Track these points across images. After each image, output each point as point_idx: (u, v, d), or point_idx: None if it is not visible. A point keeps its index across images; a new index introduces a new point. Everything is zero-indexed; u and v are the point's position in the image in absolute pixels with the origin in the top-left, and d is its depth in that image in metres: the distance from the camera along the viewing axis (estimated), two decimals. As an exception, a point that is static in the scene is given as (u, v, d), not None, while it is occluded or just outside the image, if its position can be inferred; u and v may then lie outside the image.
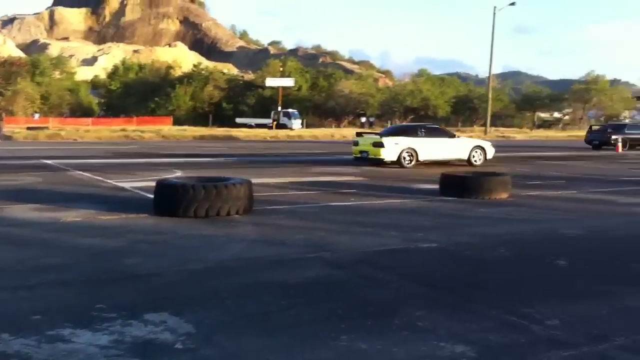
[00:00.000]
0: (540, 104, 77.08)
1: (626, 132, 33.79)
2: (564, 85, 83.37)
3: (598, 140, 33.96)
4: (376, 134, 21.98)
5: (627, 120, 57.07)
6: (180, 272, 6.28)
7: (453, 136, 21.02)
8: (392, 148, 19.38)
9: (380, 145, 19.47)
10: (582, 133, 42.50)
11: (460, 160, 20.35)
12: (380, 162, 19.59)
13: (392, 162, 19.50)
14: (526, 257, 7.26)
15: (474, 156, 20.45)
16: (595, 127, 37.64)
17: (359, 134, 22.42)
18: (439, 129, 22.20)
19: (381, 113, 72.95)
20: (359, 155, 20.47)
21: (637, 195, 13.42)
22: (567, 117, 79.58)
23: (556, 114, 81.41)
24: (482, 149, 20.72)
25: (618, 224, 9.95)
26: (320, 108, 74.12)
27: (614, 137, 32.78)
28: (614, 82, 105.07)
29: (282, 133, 49.00)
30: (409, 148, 19.53)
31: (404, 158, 19.48)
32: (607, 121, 62.67)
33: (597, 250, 7.85)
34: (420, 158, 19.69)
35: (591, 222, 9.94)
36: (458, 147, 20.48)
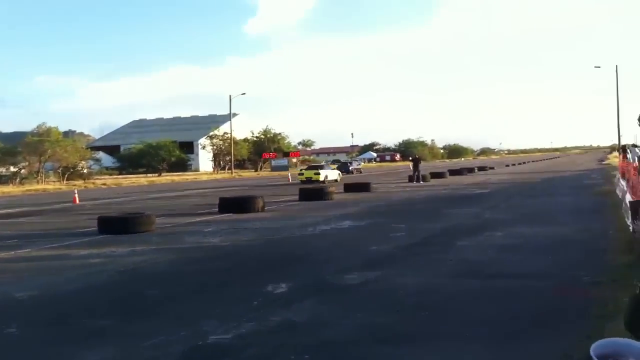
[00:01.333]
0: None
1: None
2: (18, 138, 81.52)
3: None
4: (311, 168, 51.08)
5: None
6: None
7: None
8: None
9: (318, 173, 46.20)
10: (41, 186, 42.34)
11: None
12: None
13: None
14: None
15: None
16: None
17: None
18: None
19: None
20: (304, 179, 45.48)
21: (92, 247, 14.25)
22: (24, 171, 78.03)
23: (12, 168, 79.03)
24: None
25: (75, 277, 10.45)
26: None
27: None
28: (69, 133, 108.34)
29: None
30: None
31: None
32: (64, 173, 64.13)
33: (48, 310, 8.17)
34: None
35: (45, 280, 10.20)
36: None
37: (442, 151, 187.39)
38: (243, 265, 11.18)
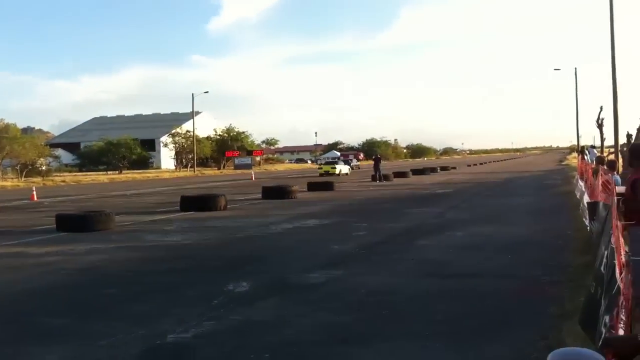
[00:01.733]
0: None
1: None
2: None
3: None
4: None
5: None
6: None
7: None
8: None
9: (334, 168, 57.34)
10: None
11: None
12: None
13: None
14: None
15: None
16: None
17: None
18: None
19: None
20: (323, 173, 55.14)
21: (50, 245, 13.96)
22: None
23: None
24: None
25: (32, 276, 10.22)
26: None
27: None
28: (27, 130, 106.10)
29: None
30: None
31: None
32: (22, 170, 62.80)
33: (4, 309, 7.98)
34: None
35: (2, 279, 9.96)
36: None
37: (405, 151, 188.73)
38: (204, 264, 11.07)
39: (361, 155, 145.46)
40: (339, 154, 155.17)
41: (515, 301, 7.79)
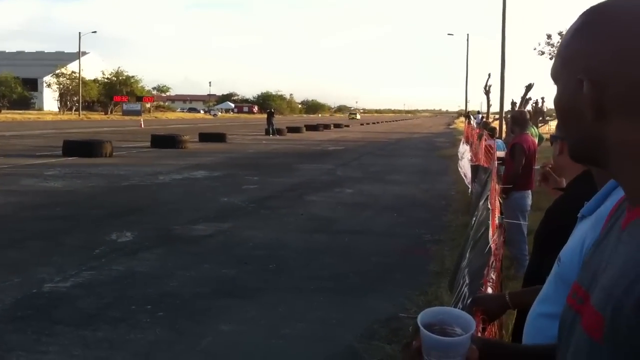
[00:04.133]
0: None
1: None
2: None
3: None
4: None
5: None
6: None
7: None
8: None
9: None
10: None
11: None
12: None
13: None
14: None
15: None
16: None
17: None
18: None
19: None
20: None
21: None
22: None
23: None
24: None
25: None
26: None
27: None
28: None
29: None
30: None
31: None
32: None
33: None
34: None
35: None
36: None
37: (300, 106, 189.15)
38: (86, 212, 10.63)
39: (256, 108, 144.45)
40: (232, 105, 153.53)
41: (398, 258, 8.02)
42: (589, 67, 0.89)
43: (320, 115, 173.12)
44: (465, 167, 13.84)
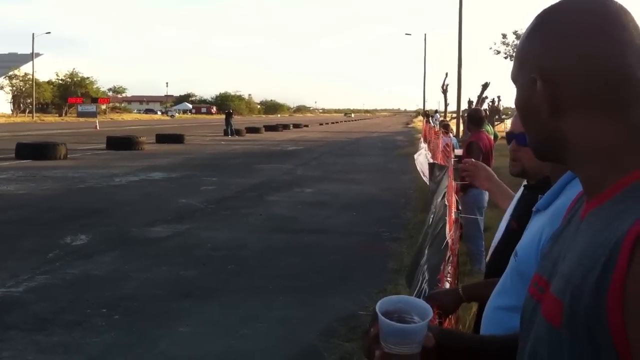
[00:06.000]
0: None
1: None
2: None
3: None
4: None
5: None
6: None
7: None
8: None
9: None
10: None
11: None
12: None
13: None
14: None
15: None
16: None
17: None
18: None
19: None
20: None
21: None
22: None
23: None
24: None
25: None
26: None
27: None
28: None
29: None
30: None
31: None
32: None
33: None
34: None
35: None
36: None
37: (259, 107, 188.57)
38: (40, 215, 10.40)
39: (214, 109, 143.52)
40: (190, 106, 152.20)
41: (358, 257, 8.03)
42: (541, 66, 0.93)
43: (279, 115, 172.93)
44: (423, 164, 13.98)
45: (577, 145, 0.92)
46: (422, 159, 14.92)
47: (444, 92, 44.68)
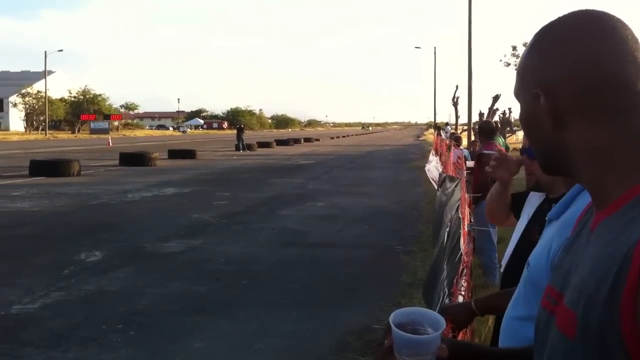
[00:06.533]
0: None
1: None
2: None
3: None
4: None
5: None
6: None
7: None
8: None
9: None
10: None
11: None
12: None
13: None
14: None
15: None
16: None
17: None
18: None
19: None
20: None
21: None
22: None
23: None
24: None
25: None
26: None
27: None
28: None
29: None
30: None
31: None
32: None
33: None
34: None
35: None
36: None
37: (270, 121, 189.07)
38: (55, 232, 10.47)
39: (225, 124, 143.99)
40: (202, 121, 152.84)
41: (370, 270, 8.03)
42: (541, 79, 0.95)
43: (290, 129, 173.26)
44: (433, 172, 13.95)
45: (582, 156, 0.93)
46: (433, 169, 14.90)
47: (455, 104, 44.70)
